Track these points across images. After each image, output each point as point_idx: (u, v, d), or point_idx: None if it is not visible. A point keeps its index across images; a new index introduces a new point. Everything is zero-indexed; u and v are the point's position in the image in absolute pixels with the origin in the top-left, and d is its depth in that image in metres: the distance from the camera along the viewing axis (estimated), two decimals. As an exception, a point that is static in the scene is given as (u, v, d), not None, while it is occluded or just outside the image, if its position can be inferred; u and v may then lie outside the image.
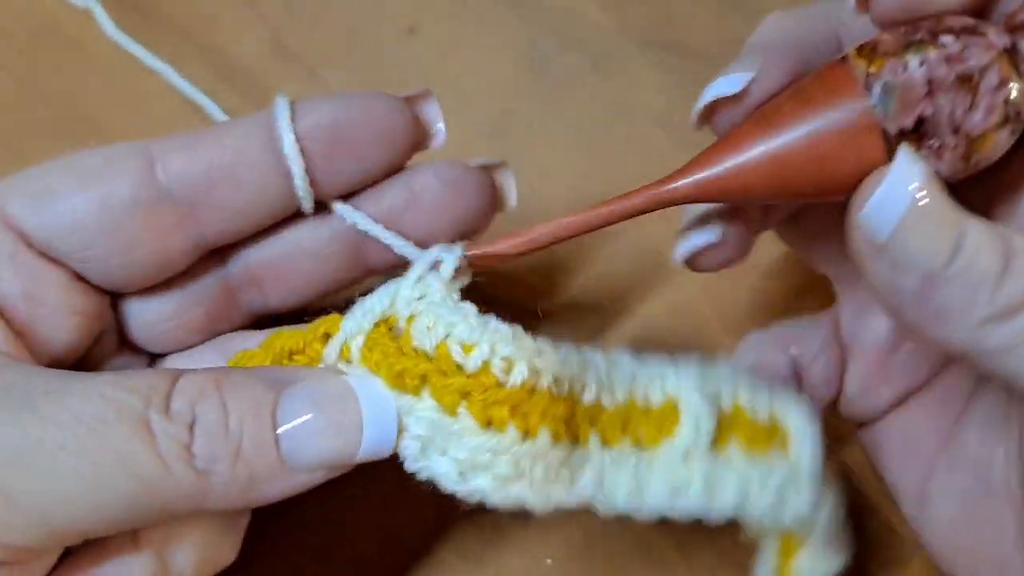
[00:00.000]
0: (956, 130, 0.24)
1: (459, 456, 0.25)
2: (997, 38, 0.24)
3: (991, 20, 0.25)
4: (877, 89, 0.24)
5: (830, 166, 0.25)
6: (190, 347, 0.32)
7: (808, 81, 0.25)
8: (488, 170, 0.31)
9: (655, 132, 0.43)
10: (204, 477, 0.24)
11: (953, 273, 0.23)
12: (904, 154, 0.24)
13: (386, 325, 0.26)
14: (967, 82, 0.24)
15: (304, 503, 0.36)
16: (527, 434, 0.25)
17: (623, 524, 0.36)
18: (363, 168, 0.29)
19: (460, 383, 0.25)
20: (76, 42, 0.44)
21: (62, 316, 0.28)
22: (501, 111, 0.44)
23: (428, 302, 0.26)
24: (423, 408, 0.25)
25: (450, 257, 0.27)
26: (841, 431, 0.35)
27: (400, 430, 0.26)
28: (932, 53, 0.24)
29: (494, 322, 0.26)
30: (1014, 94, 0.24)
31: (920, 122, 0.24)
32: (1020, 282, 0.23)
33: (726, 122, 0.27)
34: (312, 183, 0.28)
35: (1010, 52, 0.24)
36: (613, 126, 0.44)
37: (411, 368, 0.25)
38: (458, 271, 0.27)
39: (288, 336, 0.28)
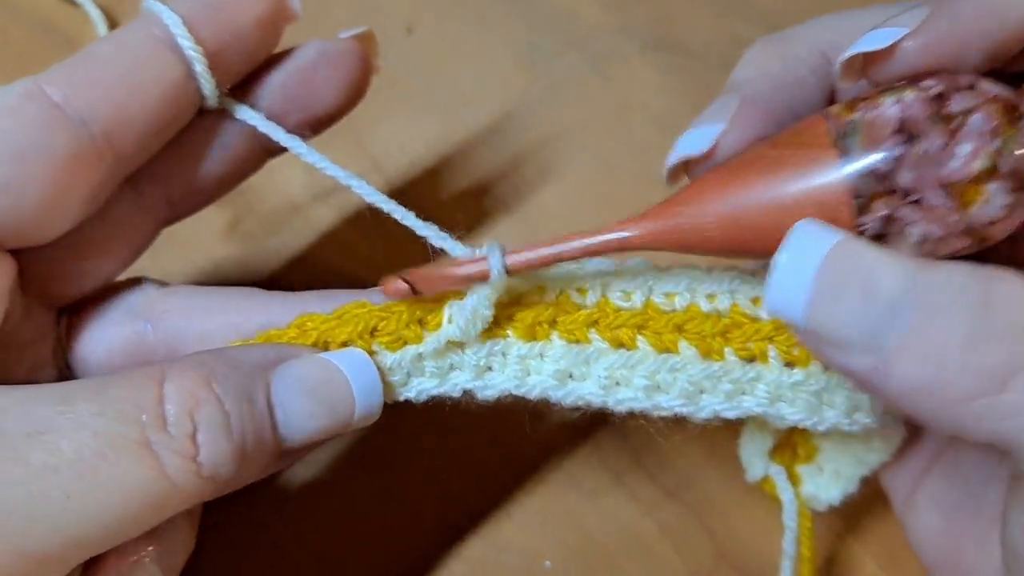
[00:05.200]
0: (935, 179, 0.21)
1: (600, 376, 0.27)
2: (993, 88, 0.22)
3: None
4: (846, 136, 0.22)
5: (791, 226, 0.23)
6: (104, 280, 0.30)
7: (780, 138, 0.24)
8: (356, 38, 0.33)
9: (655, 132, 0.43)
10: (211, 480, 0.24)
11: (904, 347, 0.20)
12: (803, 222, 0.22)
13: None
14: (946, 122, 0.21)
15: (303, 502, 0.36)
16: (663, 348, 0.27)
17: (622, 525, 0.36)
18: (248, 51, 0.29)
19: (584, 316, 0.27)
20: (73, 42, 0.44)
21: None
22: (501, 111, 0.44)
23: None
24: (554, 347, 0.27)
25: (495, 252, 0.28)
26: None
27: (529, 372, 0.28)
28: (909, 94, 0.22)
29: (592, 264, 0.28)
30: (1007, 147, 0.21)
31: (891, 168, 0.22)
32: (997, 347, 0.20)
33: (699, 174, 0.26)
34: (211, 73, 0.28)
35: (1008, 106, 0.21)
36: (613, 126, 0.44)
37: (540, 315, 0.28)
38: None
39: (367, 313, 0.28)
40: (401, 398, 0.28)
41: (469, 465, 0.36)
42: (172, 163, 0.30)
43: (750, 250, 0.24)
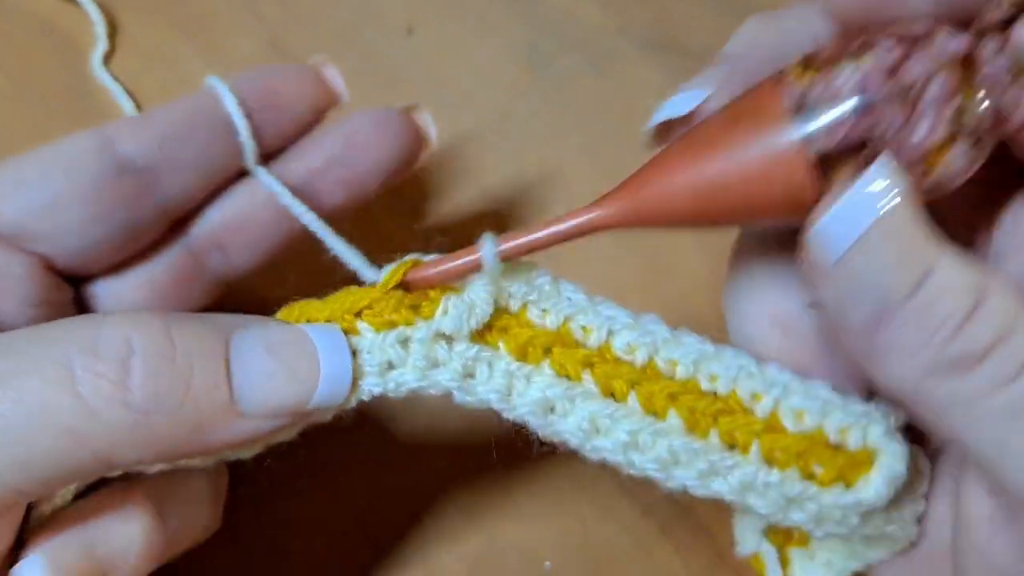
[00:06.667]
0: (899, 150, 0.21)
1: (582, 418, 0.27)
2: (945, 43, 0.21)
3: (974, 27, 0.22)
4: (802, 106, 0.22)
5: (756, 191, 0.23)
6: None
7: (738, 101, 0.24)
8: (408, 110, 0.35)
9: (655, 132, 0.43)
10: (145, 418, 0.22)
11: (910, 310, 0.21)
12: (879, 166, 0.21)
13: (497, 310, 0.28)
14: (903, 96, 0.21)
15: (302, 502, 0.36)
16: (651, 410, 0.27)
17: (622, 527, 0.36)
18: (293, 122, 0.33)
19: (583, 355, 0.27)
20: (73, 42, 0.44)
21: (28, 306, 0.28)
22: (501, 111, 0.44)
23: (536, 290, 0.28)
24: (543, 375, 0.27)
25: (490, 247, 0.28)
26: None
27: (511, 392, 0.27)
28: (867, 62, 0.21)
29: (613, 308, 0.28)
30: (967, 107, 0.21)
31: (854, 145, 0.22)
32: (983, 329, 0.21)
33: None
34: (255, 137, 0.31)
35: (965, 61, 0.21)
36: (613, 126, 0.44)
37: (536, 338, 0.27)
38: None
39: (359, 292, 0.28)
40: (377, 390, 0.27)
41: (468, 465, 0.36)
42: (218, 214, 0.32)
43: (717, 220, 0.24)
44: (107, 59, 0.44)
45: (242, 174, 0.32)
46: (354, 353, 0.27)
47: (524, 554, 0.36)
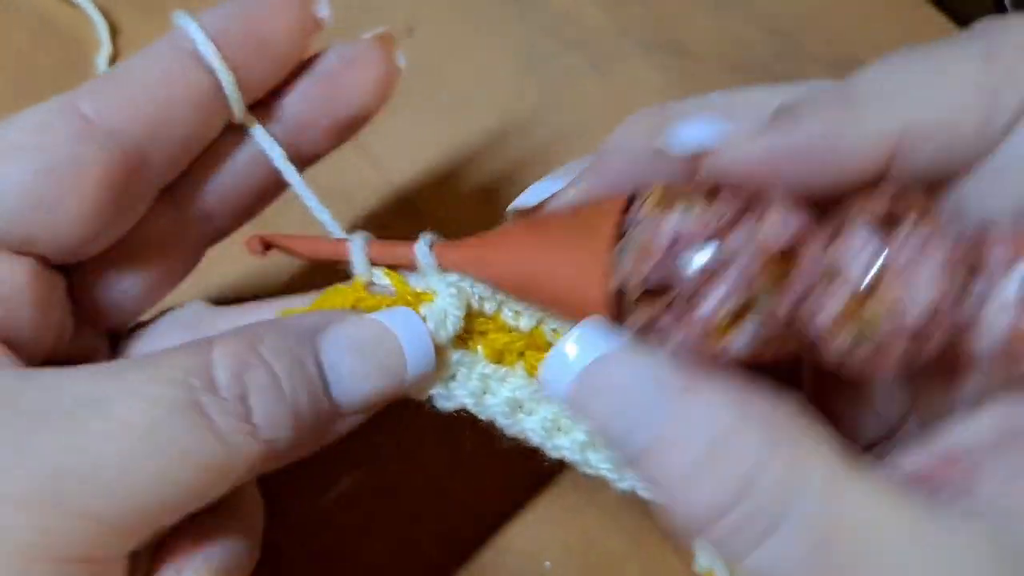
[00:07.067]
0: (684, 313, 0.21)
1: (545, 417, 0.28)
2: (773, 230, 0.21)
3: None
4: (624, 240, 0.22)
5: (560, 293, 0.24)
6: (156, 304, 0.31)
7: (584, 210, 0.25)
8: (381, 39, 0.33)
9: (655, 132, 0.43)
10: (271, 444, 0.24)
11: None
12: (582, 327, 0.23)
13: (469, 314, 0.28)
14: (714, 261, 0.21)
15: (301, 502, 0.36)
16: None
17: (621, 527, 0.36)
18: (277, 61, 0.30)
19: None
20: (73, 42, 0.44)
21: (29, 309, 0.27)
22: (501, 111, 0.44)
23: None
24: (516, 377, 0.28)
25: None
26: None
27: (486, 392, 0.28)
28: (692, 217, 0.21)
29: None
30: (761, 296, 0.20)
31: (662, 286, 0.21)
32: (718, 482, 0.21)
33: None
34: (239, 87, 0.29)
35: (783, 252, 0.21)
36: (613, 126, 0.44)
37: (512, 343, 0.28)
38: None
39: (341, 292, 0.28)
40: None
41: (468, 465, 0.36)
42: (207, 177, 0.30)
43: (525, 300, 0.27)
44: (108, 60, 0.44)
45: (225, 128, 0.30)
46: None
47: (524, 554, 0.36)
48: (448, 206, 0.42)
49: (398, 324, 0.27)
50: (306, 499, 0.36)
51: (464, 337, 0.28)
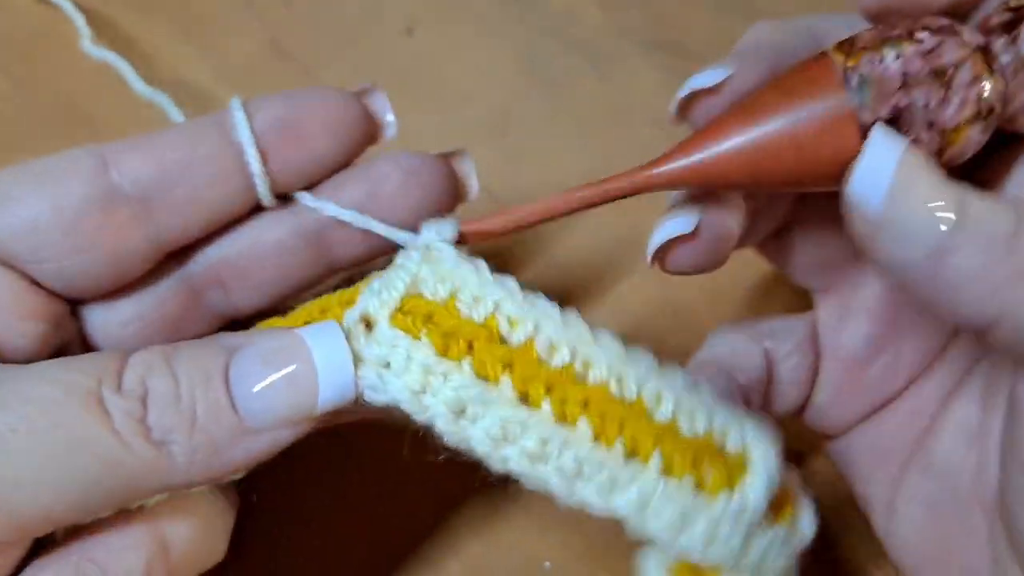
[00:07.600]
0: (930, 124, 0.24)
1: (492, 424, 0.25)
2: (971, 37, 0.24)
3: (968, 23, 0.25)
4: (854, 81, 0.25)
5: (808, 155, 0.25)
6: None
7: (789, 74, 0.26)
8: (447, 158, 0.31)
9: (655, 132, 0.43)
10: (164, 448, 0.24)
11: (961, 239, 0.22)
12: (880, 127, 0.24)
13: (418, 296, 0.26)
14: (941, 77, 0.24)
15: (299, 501, 0.36)
16: (563, 418, 0.25)
17: (622, 527, 0.36)
18: (317, 159, 0.29)
19: (504, 353, 0.25)
20: (73, 44, 0.44)
21: (17, 319, 0.28)
22: (501, 111, 0.44)
23: (466, 273, 0.26)
24: (462, 374, 0.25)
25: (447, 230, 0.28)
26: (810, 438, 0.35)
27: (426, 390, 0.25)
28: (908, 48, 0.24)
29: (543, 302, 0.26)
30: (987, 91, 0.24)
31: (895, 115, 0.24)
32: None
33: (703, 115, 0.27)
34: (269, 176, 0.29)
35: (983, 50, 0.24)
36: (613, 126, 0.44)
37: (461, 330, 0.25)
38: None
39: (313, 304, 0.28)
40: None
41: (468, 465, 0.36)
42: (224, 251, 0.30)
43: (766, 185, 0.26)
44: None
45: (257, 209, 0.30)
46: None
47: (524, 554, 0.36)
48: (448, 206, 0.42)
49: (311, 334, 0.25)
50: (303, 502, 0.36)
51: (406, 321, 0.25)
